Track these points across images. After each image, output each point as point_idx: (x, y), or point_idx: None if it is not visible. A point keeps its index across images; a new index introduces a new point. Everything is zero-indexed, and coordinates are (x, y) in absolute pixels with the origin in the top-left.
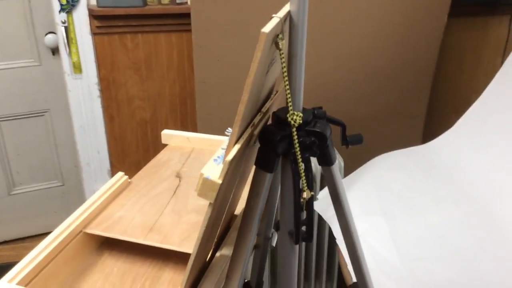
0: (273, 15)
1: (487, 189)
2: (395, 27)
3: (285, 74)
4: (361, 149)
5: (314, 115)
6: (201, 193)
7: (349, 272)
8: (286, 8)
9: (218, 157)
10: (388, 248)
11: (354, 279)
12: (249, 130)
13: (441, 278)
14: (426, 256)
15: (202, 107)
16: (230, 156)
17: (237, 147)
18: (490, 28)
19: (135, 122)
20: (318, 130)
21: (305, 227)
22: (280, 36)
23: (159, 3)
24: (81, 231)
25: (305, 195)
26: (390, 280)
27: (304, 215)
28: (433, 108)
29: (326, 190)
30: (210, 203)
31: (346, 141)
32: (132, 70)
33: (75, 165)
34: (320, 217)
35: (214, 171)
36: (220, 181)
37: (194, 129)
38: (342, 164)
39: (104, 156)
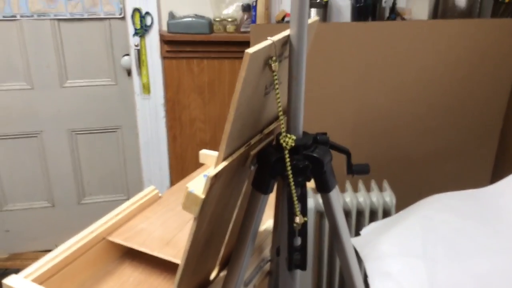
0: (268, 38)
1: None
2: (463, 63)
3: (278, 96)
4: (419, 187)
5: (316, 141)
6: (185, 207)
7: None
8: (285, 32)
9: (209, 172)
10: None
11: None
12: (242, 149)
13: None
14: None
15: None
16: (213, 172)
17: (223, 164)
18: None
19: (195, 143)
20: (315, 155)
21: (299, 254)
22: (274, 58)
23: (225, 31)
24: (104, 238)
25: (298, 220)
26: None
27: (298, 241)
28: (506, 150)
29: (371, 226)
30: (194, 218)
31: (351, 169)
32: (196, 94)
33: (139, 180)
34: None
35: (200, 186)
36: (203, 196)
37: None
38: (394, 201)
39: (165, 174)
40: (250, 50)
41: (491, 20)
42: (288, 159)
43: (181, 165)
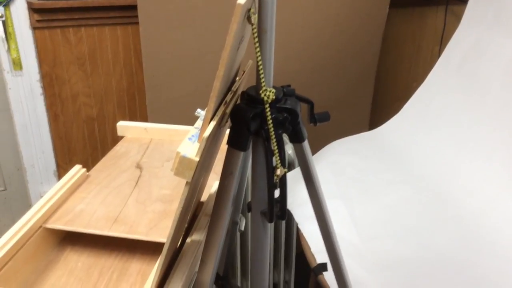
0: None
1: (434, 169)
2: (339, 18)
3: (258, 49)
4: (310, 137)
5: (284, 93)
6: (178, 172)
7: (312, 255)
8: None
9: (193, 135)
10: (348, 229)
11: (318, 261)
12: (222, 108)
13: (398, 254)
14: (383, 234)
15: (153, 101)
16: (207, 132)
17: (212, 123)
18: (428, 18)
19: (81, 119)
20: (289, 106)
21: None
22: (252, 10)
23: None
24: (41, 226)
25: (279, 172)
26: (351, 259)
27: (277, 193)
28: (376, 96)
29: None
30: (187, 182)
31: (314, 118)
32: (76, 66)
33: (18, 168)
34: None
35: (190, 149)
36: (197, 159)
37: None
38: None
39: (50, 157)
40: (241, 1)
41: None
42: (269, 113)
43: (67, 145)
